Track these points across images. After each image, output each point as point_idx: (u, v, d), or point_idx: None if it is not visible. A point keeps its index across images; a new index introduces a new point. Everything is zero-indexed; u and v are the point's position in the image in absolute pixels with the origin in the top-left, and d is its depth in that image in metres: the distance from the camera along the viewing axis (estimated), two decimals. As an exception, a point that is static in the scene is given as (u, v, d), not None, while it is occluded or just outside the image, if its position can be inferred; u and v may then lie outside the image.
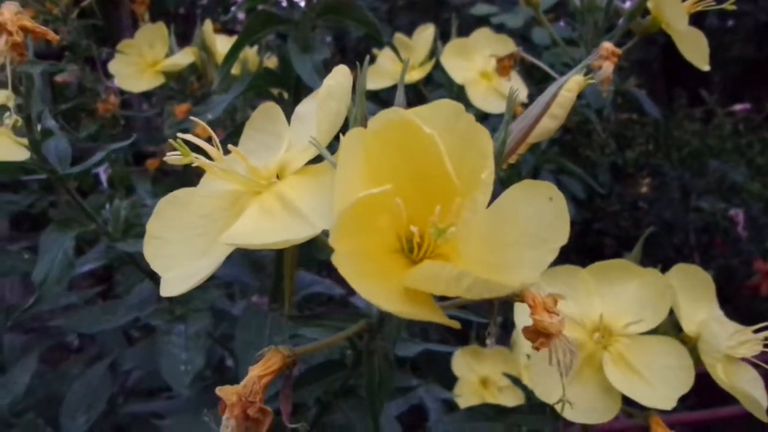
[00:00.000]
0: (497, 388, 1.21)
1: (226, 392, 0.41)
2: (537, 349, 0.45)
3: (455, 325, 0.35)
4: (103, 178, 1.47)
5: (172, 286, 0.44)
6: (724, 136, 2.98)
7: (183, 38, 1.41)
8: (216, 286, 1.02)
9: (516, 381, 0.99)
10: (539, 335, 0.44)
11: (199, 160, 0.45)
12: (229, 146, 0.47)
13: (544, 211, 0.38)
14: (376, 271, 0.36)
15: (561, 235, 0.37)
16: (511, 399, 1.16)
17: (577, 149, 2.86)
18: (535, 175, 1.95)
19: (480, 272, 0.36)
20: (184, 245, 0.48)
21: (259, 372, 0.42)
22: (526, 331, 0.46)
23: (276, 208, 0.43)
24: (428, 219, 0.36)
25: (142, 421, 1.11)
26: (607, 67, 0.80)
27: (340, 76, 0.46)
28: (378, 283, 0.35)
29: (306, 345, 0.47)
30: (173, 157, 0.45)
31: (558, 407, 0.56)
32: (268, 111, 0.55)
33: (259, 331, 0.85)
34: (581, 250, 2.64)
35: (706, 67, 0.88)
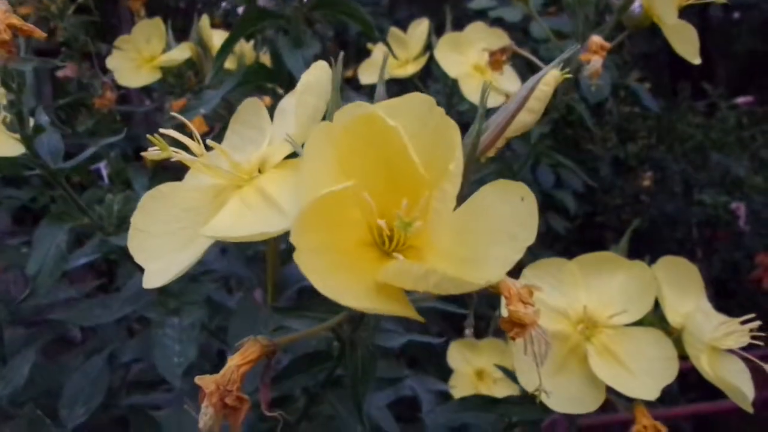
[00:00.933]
0: (492, 380, 1.22)
1: (205, 381, 0.42)
2: (513, 339, 0.46)
3: (421, 319, 0.36)
4: (104, 173, 1.49)
5: (154, 278, 0.45)
6: (727, 129, 2.97)
7: (182, 33, 1.42)
8: (212, 279, 1.03)
9: (509, 373, 0.99)
10: (514, 325, 0.45)
11: (179, 155, 0.46)
12: (208, 141, 0.47)
13: (515, 210, 0.38)
14: (348, 264, 0.37)
15: (529, 234, 0.38)
16: (506, 391, 1.16)
17: (579, 143, 2.85)
18: (534, 168, 1.95)
19: (449, 268, 0.37)
20: (167, 238, 0.49)
21: (237, 361, 0.43)
22: (503, 321, 0.47)
23: (255, 201, 0.44)
24: (397, 212, 0.36)
25: (141, 413, 1.13)
26: (596, 62, 0.80)
27: (319, 71, 0.47)
28: (346, 279, 0.36)
29: (286, 335, 0.48)
30: (152, 152, 0.45)
31: (537, 396, 0.57)
32: (253, 106, 0.56)
33: (253, 323, 0.86)
34: (582, 243, 2.64)
35: (697, 61, 0.88)
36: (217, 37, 1.29)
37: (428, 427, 0.95)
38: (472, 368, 1.23)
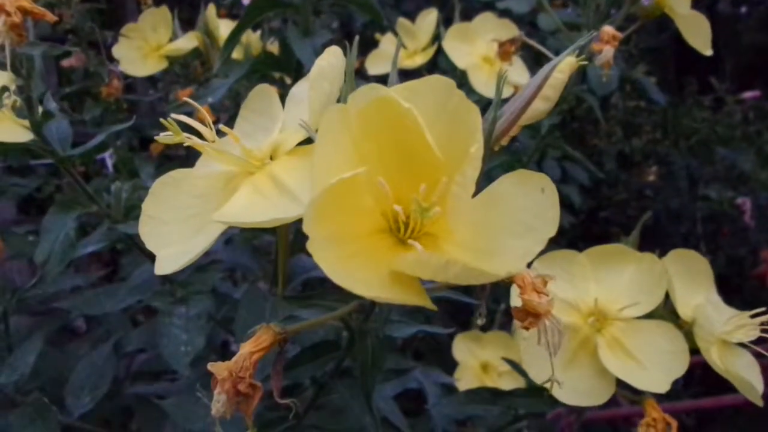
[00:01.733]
0: (497, 373, 1.21)
1: (217, 368, 0.42)
2: (526, 328, 0.46)
3: (434, 308, 0.36)
4: (109, 163, 1.48)
5: (165, 265, 0.44)
6: (733, 125, 2.95)
7: (188, 24, 1.41)
8: (218, 270, 1.02)
9: (515, 366, 0.99)
10: (528, 315, 0.45)
11: (191, 140, 0.46)
12: (221, 126, 0.47)
13: (535, 202, 0.37)
14: (361, 252, 0.36)
15: (550, 226, 0.37)
16: (512, 384, 1.16)
17: (584, 137, 2.84)
18: (540, 161, 1.95)
19: (467, 258, 0.36)
20: (178, 225, 0.48)
21: (250, 348, 0.43)
22: (516, 311, 0.46)
23: (267, 187, 0.44)
24: (414, 197, 0.36)
25: (146, 403, 1.13)
26: (608, 51, 0.80)
27: (332, 57, 0.46)
28: (360, 268, 0.35)
29: (297, 324, 0.47)
30: (164, 137, 0.45)
31: (549, 387, 0.57)
32: (264, 92, 0.56)
33: (259, 314, 0.86)
34: (587, 238, 2.63)
35: (708, 52, 0.87)
36: (223, 27, 1.29)
37: (434, 420, 0.95)
38: (477, 361, 1.23)
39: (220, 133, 0.50)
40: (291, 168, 0.44)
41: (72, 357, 1.15)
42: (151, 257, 0.49)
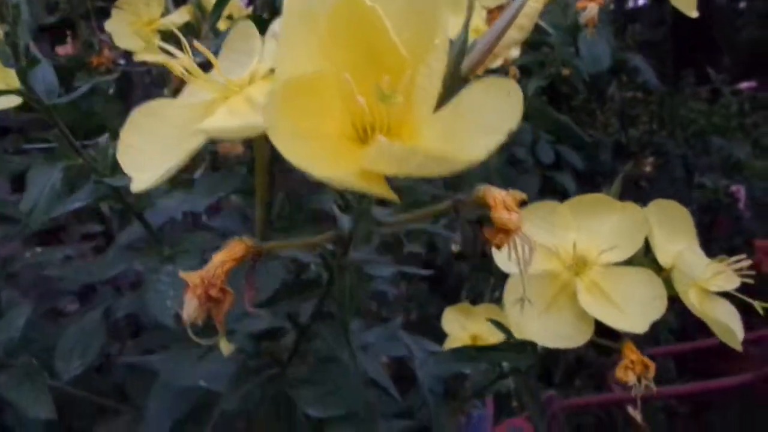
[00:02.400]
0: (486, 344, 1.22)
1: (190, 276, 0.42)
2: (498, 247, 0.46)
3: (396, 199, 0.36)
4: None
5: (143, 183, 0.45)
6: (729, 116, 2.97)
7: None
8: (208, 235, 1.03)
9: (501, 326, 0.99)
10: (498, 232, 0.45)
11: (173, 62, 0.46)
12: (196, 44, 0.48)
13: (502, 105, 0.38)
14: (326, 148, 0.37)
15: (512, 121, 0.38)
16: (501, 355, 1.17)
17: (580, 128, 2.85)
18: (533, 145, 1.96)
19: (432, 149, 0.37)
20: (157, 153, 0.49)
21: (222, 258, 0.43)
22: (488, 232, 0.47)
23: (242, 107, 0.45)
24: (377, 85, 0.36)
25: (138, 373, 1.13)
26: (592, 9, 0.81)
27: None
28: (322, 159, 0.35)
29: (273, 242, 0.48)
30: (143, 55, 0.46)
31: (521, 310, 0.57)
32: (243, 31, 0.57)
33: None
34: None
35: (693, 14, 0.87)
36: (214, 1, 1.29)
37: (421, 381, 0.95)
38: (466, 333, 1.24)
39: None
40: (265, 88, 0.45)
41: (63, 325, 1.15)
42: (139, 216, 0.50)
